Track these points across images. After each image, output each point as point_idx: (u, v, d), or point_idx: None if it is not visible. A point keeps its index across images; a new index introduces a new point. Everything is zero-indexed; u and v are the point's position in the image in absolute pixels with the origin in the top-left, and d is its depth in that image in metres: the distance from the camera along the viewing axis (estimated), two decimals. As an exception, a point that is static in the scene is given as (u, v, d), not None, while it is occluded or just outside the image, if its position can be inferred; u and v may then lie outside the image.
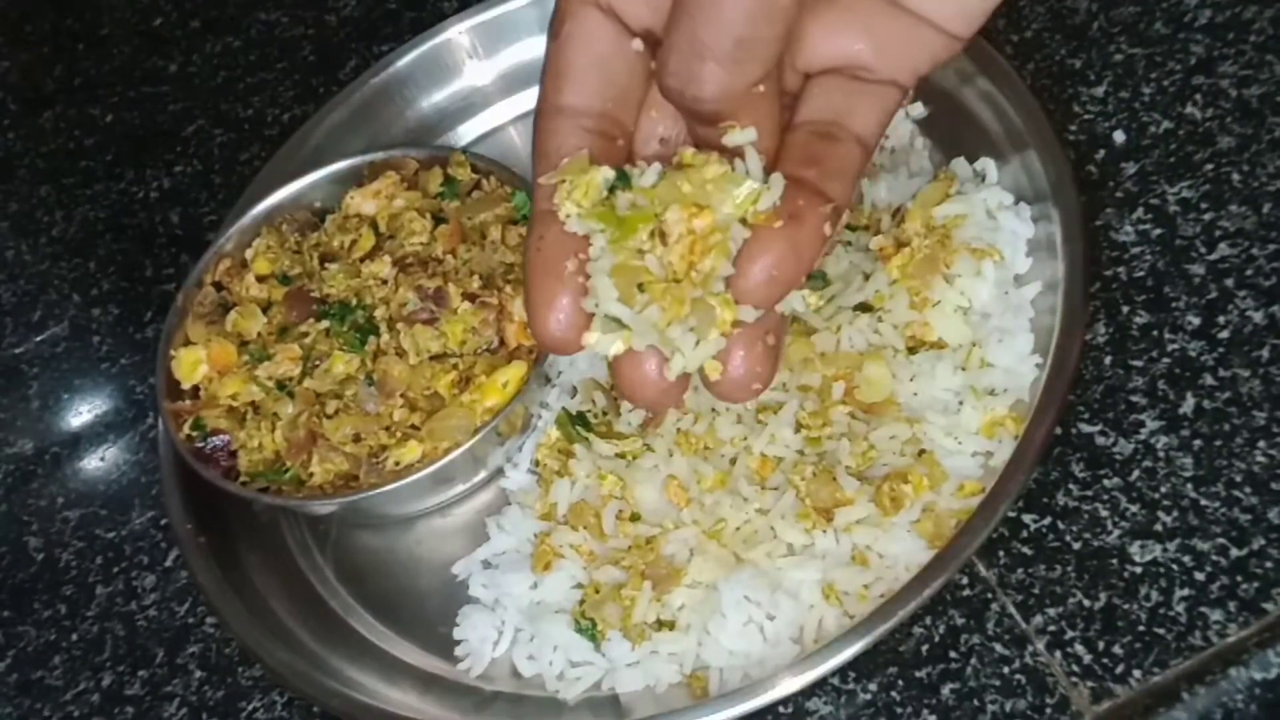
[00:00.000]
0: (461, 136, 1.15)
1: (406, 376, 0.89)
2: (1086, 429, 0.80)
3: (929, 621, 0.76)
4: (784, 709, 0.75)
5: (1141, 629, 0.72)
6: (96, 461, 1.03)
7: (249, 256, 1.00)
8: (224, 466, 0.90)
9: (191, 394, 0.94)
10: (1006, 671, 0.73)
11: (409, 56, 1.13)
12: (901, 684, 0.74)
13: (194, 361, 0.94)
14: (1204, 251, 0.84)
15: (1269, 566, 0.72)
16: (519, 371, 0.88)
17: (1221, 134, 0.89)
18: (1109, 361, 0.82)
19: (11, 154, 1.28)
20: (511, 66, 1.14)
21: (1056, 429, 0.79)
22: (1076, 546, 0.76)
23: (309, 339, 0.93)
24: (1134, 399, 0.80)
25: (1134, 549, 0.75)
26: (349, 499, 0.87)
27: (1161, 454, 0.77)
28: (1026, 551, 0.76)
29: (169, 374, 0.94)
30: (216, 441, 0.91)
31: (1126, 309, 0.84)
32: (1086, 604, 0.74)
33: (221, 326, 0.95)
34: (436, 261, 0.95)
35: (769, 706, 0.74)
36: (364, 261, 0.96)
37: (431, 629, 0.87)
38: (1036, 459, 0.77)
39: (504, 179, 0.99)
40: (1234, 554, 0.73)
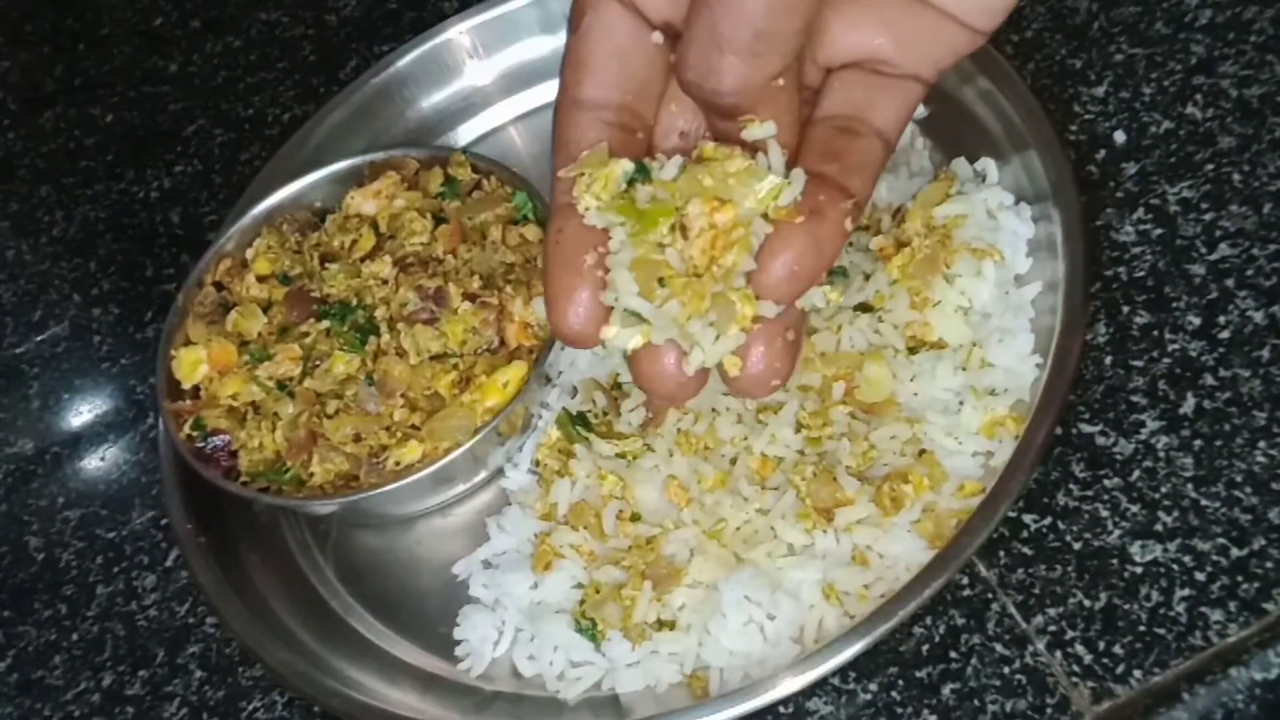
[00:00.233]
0: (461, 136, 1.15)
1: (407, 376, 0.89)
2: (1087, 429, 0.80)
3: (929, 621, 0.76)
4: (784, 709, 0.75)
5: (1142, 629, 0.72)
6: (97, 461, 1.03)
7: (249, 256, 1.00)
8: (224, 466, 0.90)
9: (192, 394, 0.94)
10: (1007, 671, 0.73)
11: (409, 56, 1.13)
12: (902, 684, 0.74)
13: (194, 361, 0.94)
14: (1204, 251, 0.84)
15: (1269, 566, 0.72)
16: (519, 371, 0.88)
17: (1222, 134, 0.89)
18: (1109, 361, 0.82)
19: (11, 154, 1.28)
20: (512, 66, 1.14)
21: (1057, 429, 0.79)
22: (1077, 546, 0.76)
23: (309, 339, 0.93)
24: (1134, 399, 0.80)
25: (1134, 549, 0.75)
26: (349, 499, 0.87)
27: (1162, 454, 0.77)
28: (1027, 551, 0.76)
29: (169, 374, 0.94)
30: (217, 441, 0.91)
31: (1127, 309, 0.84)
32: (1087, 604, 0.73)
33: (222, 326, 0.95)
34: (437, 261, 0.95)
35: (769, 706, 0.74)
36: (364, 261, 0.96)
37: (432, 629, 0.87)
38: (1037, 459, 0.77)
39: (504, 179, 0.99)
40: (1234, 554, 0.73)
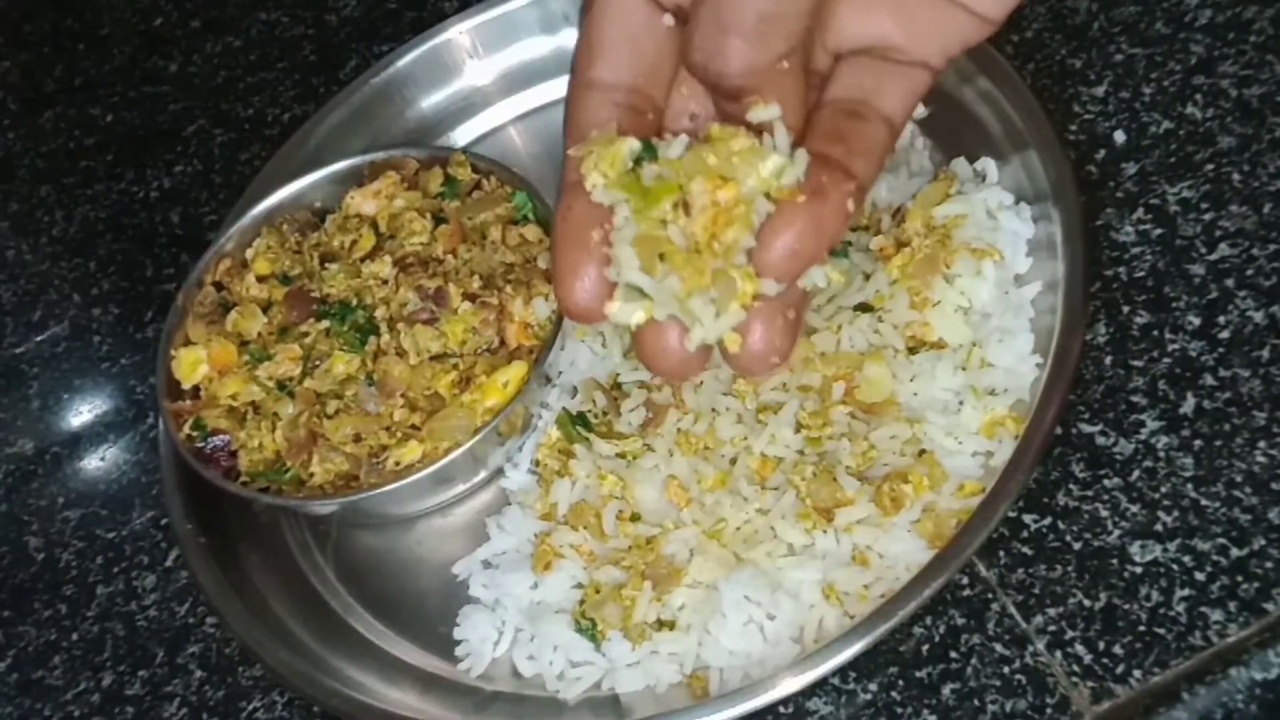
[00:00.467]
0: (461, 136, 1.14)
1: (407, 376, 0.89)
2: (1087, 429, 0.80)
3: (929, 621, 0.76)
4: (784, 709, 0.75)
5: (1142, 629, 0.72)
6: (97, 461, 1.03)
7: (249, 256, 1.00)
8: (224, 466, 0.90)
9: (192, 394, 0.94)
10: (1007, 671, 0.73)
11: (409, 56, 1.13)
12: (902, 684, 0.74)
13: (194, 361, 0.94)
14: (1204, 251, 0.84)
15: (1269, 566, 0.72)
16: (519, 371, 0.88)
17: (1222, 134, 0.89)
18: (1109, 361, 0.82)
19: (11, 154, 1.28)
20: (512, 66, 1.14)
21: (1057, 429, 0.79)
22: (1077, 546, 0.76)
23: (309, 339, 0.93)
24: (1134, 399, 0.80)
25: (1134, 549, 0.75)
26: (349, 499, 0.87)
27: (1162, 454, 0.77)
28: (1027, 551, 0.76)
29: (169, 374, 0.94)
30: (217, 441, 0.91)
31: (1127, 309, 0.84)
32: (1087, 604, 0.73)
33: (222, 326, 0.95)
34: (437, 261, 0.95)
35: (769, 706, 0.74)
36: (364, 261, 0.96)
37: (431, 629, 0.87)
38: (1037, 459, 0.77)
39: (504, 179, 0.99)
40: (1234, 554, 0.73)
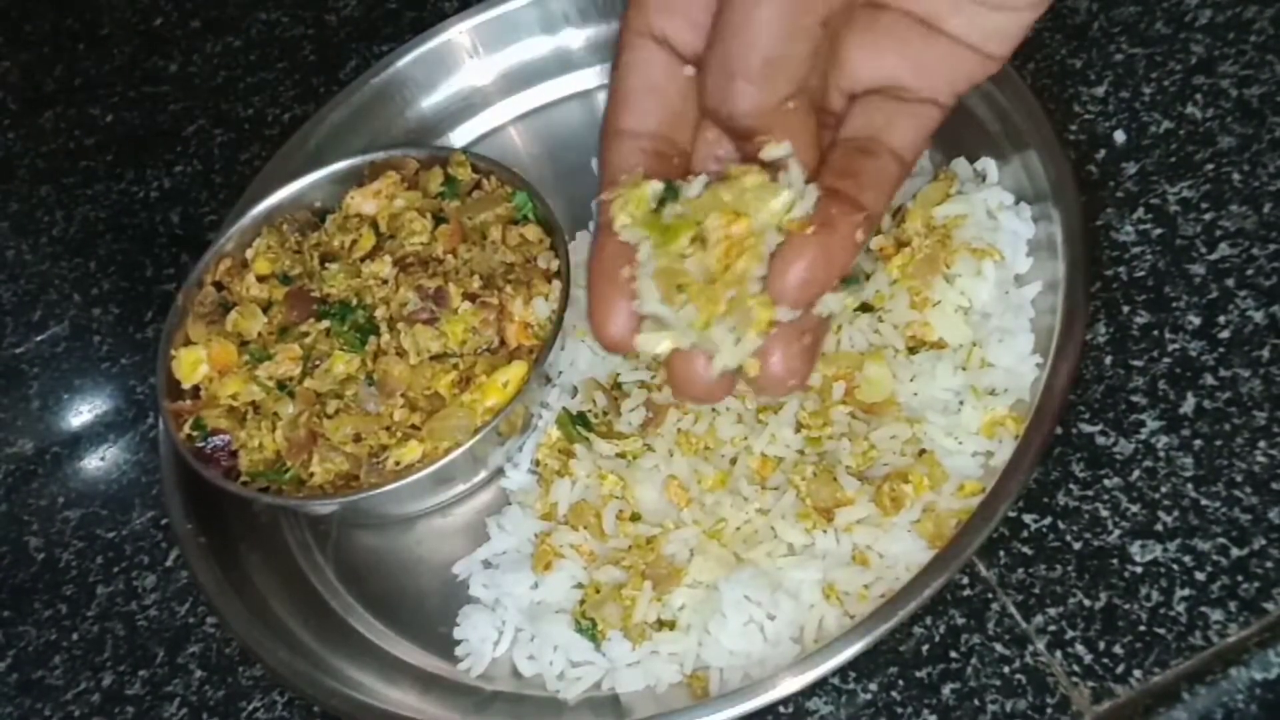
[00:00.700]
0: (461, 136, 1.14)
1: (407, 376, 0.89)
2: (1087, 429, 0.80)
3: (929, 621, 0.76)
4: (784, 709, 0.75)
5: (1142, 629, 0.72)
6: (97, 461, 1.03)
7: (249, 256, 0.99)
8: (224, 466, 0.90)
9: (192, 394, 0.94)
10: (1007, 671, 0.73)
11: (409, 56, 1.13)
12: (902, 684, 0.74)
13: (194, 361, 0.94)
14: (1204, 251, 0.84)
15: (1269, 566, 0.72)
16: (519, 371, 0.88)
17: (1222, 134, 0.89)
18: (1109, 361, 0.82)
19: (11, 154, 1.27)
20: (512, 66, 1.14)
21: (1057, 429, 0.79)
22: (1077, 546, 0.76)
23: (309, 339, 0.93)
24: (1134, 399, 0.80)
25: (1134, 549, 0.75)
26: (349, 499, 0.87)
27: (1162, 454, 0.77)
28: (1027, 551, 0.76)
29: (169, 374, 0.94)
30: (217, 441, 0.91)
31: (1127, 309, 0.84)
32: (1087, 604, 0.73)
33: (222, 326, 0.95)
34: (437, 261, 0.95)
35: (769, 706, 0.74)
36: (364, 261, 0.96)
37: (431, 629, 0.87)
38: (1037, 459, 0.77)
39: (504, 179, 0.99)
40: (1234, 554, 0.73)
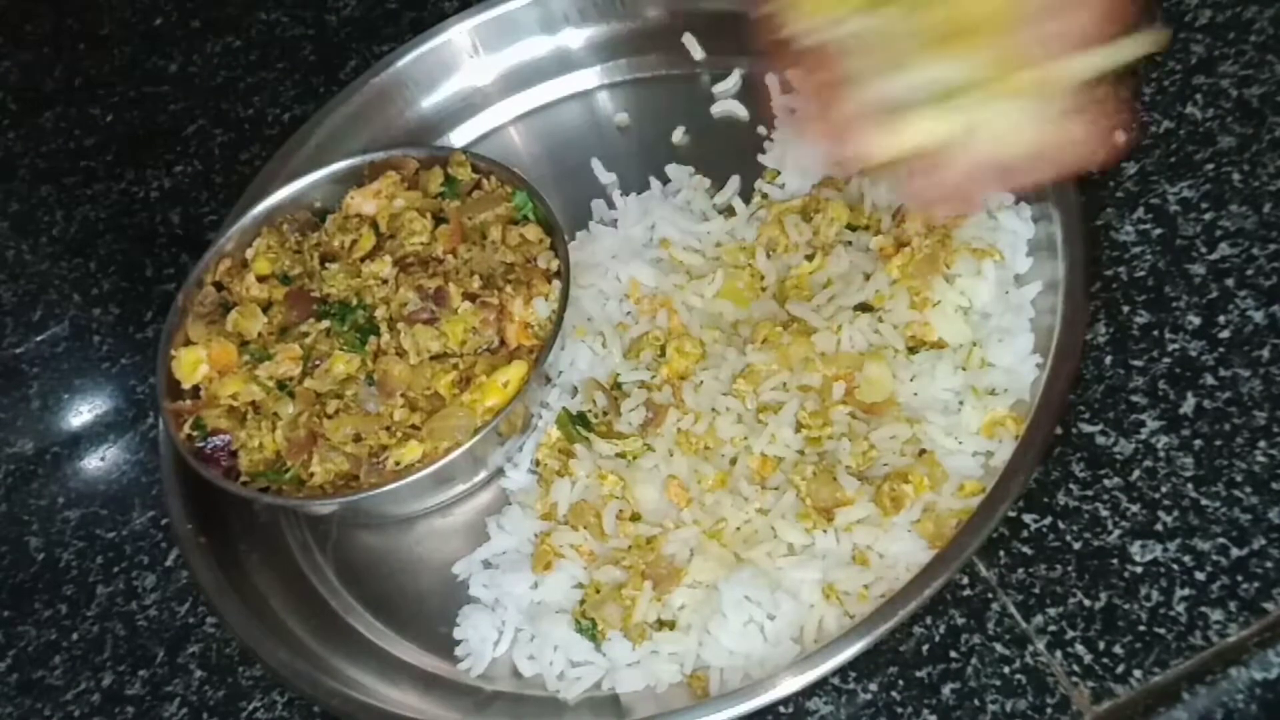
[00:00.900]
0: (461, 136, 1.14)
1: (407, 376, 0.89)
2: (1087, 429, 0.80)
3: (929, 621, 0.76)
4: (784, 709, 0.75)
5: (1142, 629, 0.72)
6: (97, 461, 1.03)
7: (249, 256, 1.00)
8: (224, 466, 0.90)
9: (192, 394, 0.94)
10: (1007, 671, 0.73)
11: (409, 56, 1.13)
12: (902, 684, 0.74)
13: (194, 361, 0.94)
14: (1204, 251, 0.84)
15: (1269, 566, 0.72)
16: (519, 371, 0.88)
17: (1222, 134, 0.89)
18: (1109, 361, 0.82)
19: (11, 154, 1.27)
20: (512, 66, 1.14)
21: (1057, 429, 0.79)
22: (1077, 546, 0.76)
23: (309, 339, 0.93)
24: (1134, 399, 0.80)
25: (1134, 549, 0.75)
26: (349, 499, 0.87)
27: (1162, 454, 0.77)
28: (1027, 551, 0.76)
29: (169, 374, 0.94)
30: (217, 441, 0.91)
31: (1127, 309, 0.84)
32: (1087, 604, 0.73)
33: (222, 326, 0.95)
34: (437, 261, 0.95)
35: (769, 706, 0.74)
36: (364, 261, 0.96)
37: (432, 629, 0.87)
38: (1037, 459, 0.77)
39: (504, 179, 0.99)
40: (1234, 554, 0.73)
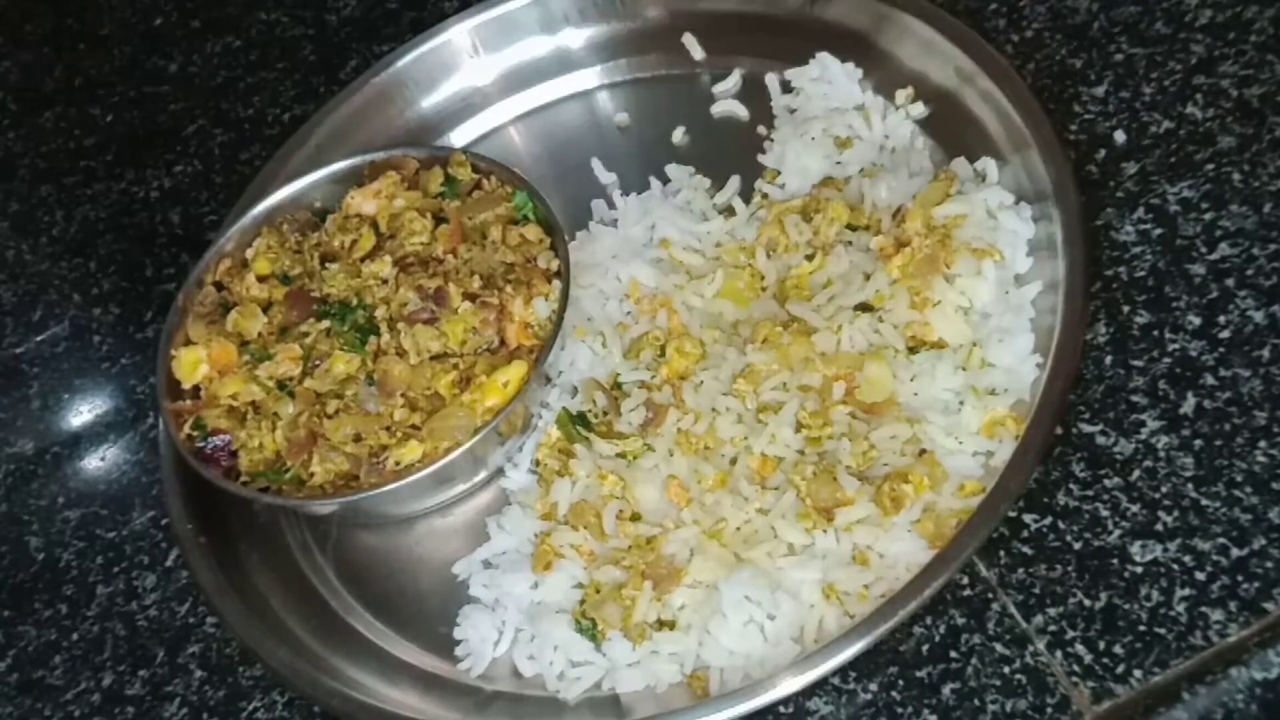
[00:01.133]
0: (461, 136, 1.14)
1: (407, 376, 0.89)
2: (1087, 429, 0.80)
3: (929, 621, 0.76)
4: (784, 709, 0.75)
5: (1142, 629, 0.72)
6: (97, 461, 1.03)
7: (249, 256, 1.00)
8: (224, 466, 0.90)
9: (192, 394, 0.94)
10: (1007, 671, 0.73)
11: (409, 56, 1.13)
12: (902, 684, 0.74)
13: (194, 361, 0.94)
14: (1205, 251, 0.84)
15: (1269, 566, 0.72)
16: (519, 371, 0.88)
17: (1222, 134, 0.88)
18: (1109, 361, 0.82)
19: (11, 154, 1.28)
20: (512, 66, 1.14)
21: (1057, 429, 0.79)
22: (1077, 546, 0.76)
23: (309, 339, 0.93)
24: (1134, 399, 0.80)
25: (1134, 549, 0.75)
26: (349, 499, 0.87)
27: (1162, 454, 0.77)
28: (1027, 551, 0.76)
29: (169, 374, 0.94)
30: (217, 441, 0.91)
31: (1127, 309, 0.84)
32: (1087, 604, 0.73)
33: (222, 326, 0.95)
34: (437, 261, 0.95)
35: (769, 706, 0.74)
36: (364, 261, 0.96)
37: (432, 629, 0.87)
38: (1037, 459, 0.77)
39: (504, 179, 0.99)
40: (1234, 554, 0.73)
